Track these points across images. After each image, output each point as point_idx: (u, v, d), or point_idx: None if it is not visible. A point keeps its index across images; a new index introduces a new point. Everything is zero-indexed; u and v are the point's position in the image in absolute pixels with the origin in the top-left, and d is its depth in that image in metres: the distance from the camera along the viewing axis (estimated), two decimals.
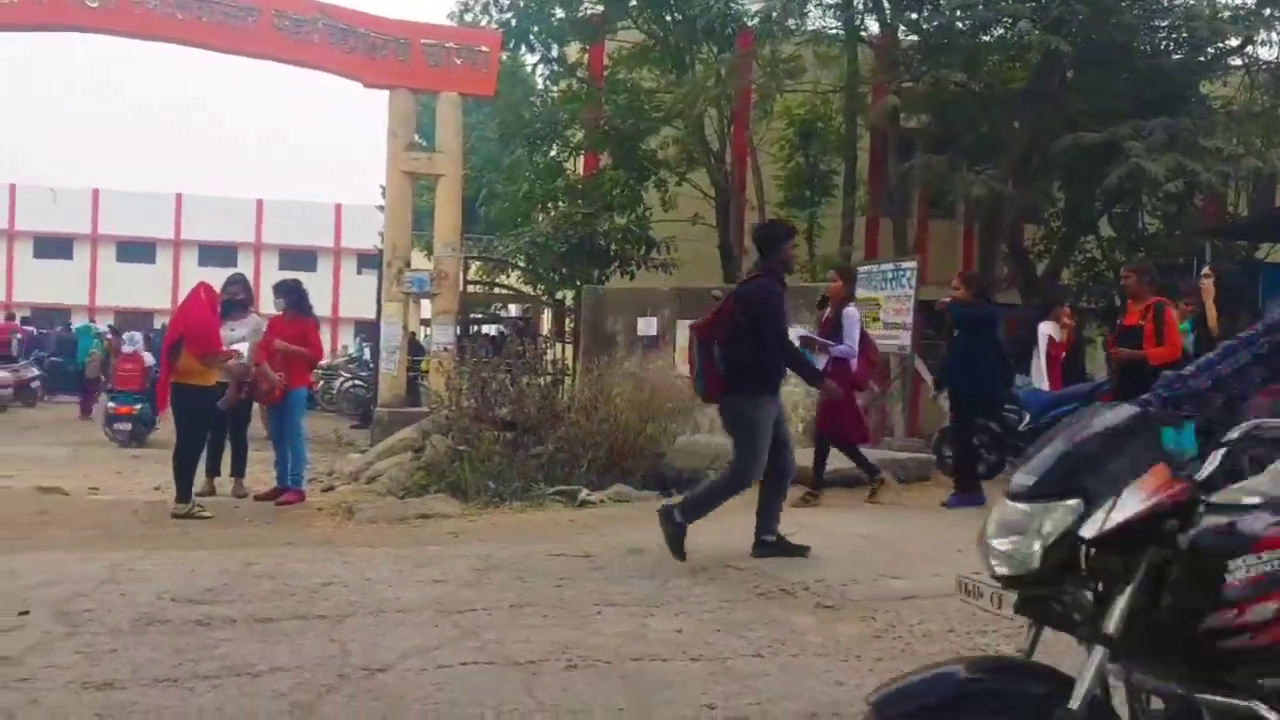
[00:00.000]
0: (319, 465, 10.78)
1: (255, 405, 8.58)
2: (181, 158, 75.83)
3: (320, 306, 10.94)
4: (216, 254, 44.99)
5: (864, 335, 7.99)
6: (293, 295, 8.45)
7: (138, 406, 13.43)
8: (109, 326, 25.14)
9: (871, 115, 15.30)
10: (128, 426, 13.59)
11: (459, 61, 13.10)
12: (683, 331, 12.75)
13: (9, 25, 12.48)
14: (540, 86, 19.31)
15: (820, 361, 7.19)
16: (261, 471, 9.01)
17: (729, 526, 5.83)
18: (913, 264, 9.90)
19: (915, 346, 9.93)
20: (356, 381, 19.99)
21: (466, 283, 14.39)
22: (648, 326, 12.45)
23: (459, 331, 13.50)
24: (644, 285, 14.63)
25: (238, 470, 8.60)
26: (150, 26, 12.48)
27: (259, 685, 3.64)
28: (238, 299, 8.26)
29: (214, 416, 7.66)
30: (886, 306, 10.04)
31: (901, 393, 10.93)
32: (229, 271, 9.86)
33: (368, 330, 34.72)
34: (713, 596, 4.91)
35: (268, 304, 9.03)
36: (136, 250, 44.90)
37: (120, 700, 3.47)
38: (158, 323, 36.05)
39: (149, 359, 13.97)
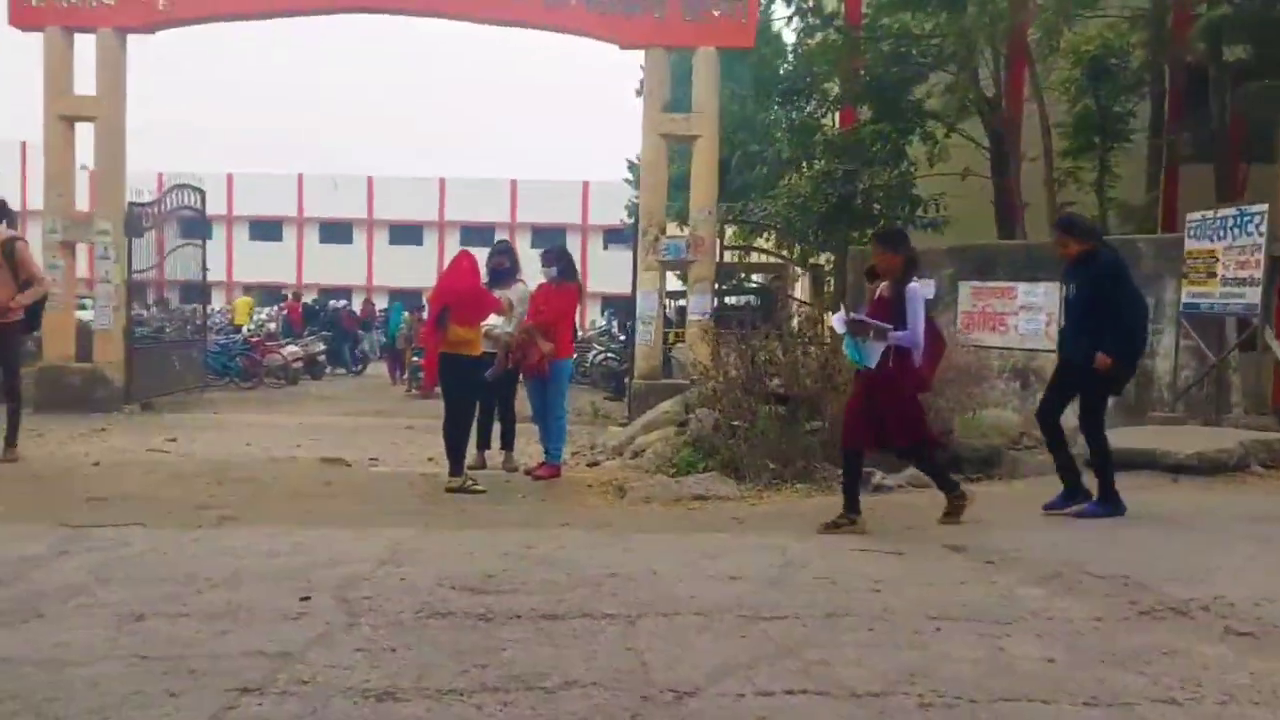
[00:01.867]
0: (579, 438, 10.47)
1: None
2: (443, 140, 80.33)
3: None
4: (477, 234, 47.07)
5: (928, 321, 6.08)
6: (562, 261, 8.04)
7: None
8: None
9: (1177, 46, 13.27)
10: None
11: (717, 14, 12.39)
12: (965, 293, 11.56)
13: (276, 11, 12.92)
14: (792, 41, 18.31)
15: (875, 352, 5.77)
16: (526, 445, 8.76)
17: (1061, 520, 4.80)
18: (1261, 209, 8.22)
19: (1270, 308, 8.27)
20: (609, 354, 19.87)
21: (723, 249, 13.71)
22: (924, 289, 11.34)
23: (715, 301, 12.85)
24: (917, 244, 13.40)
25: (507, 444, 8.34)
26: (412, 2, 12.56)
27: (554, 706, 3.07)
28: (504, 268, 7.95)
29: (482, 388, 7.37)
30: (1225, 259, 8.41)
31: (1238, 360, 9.23)
32: None
33: (615, 304, 35.13)
34: (1078, 613, 3.93)
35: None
36: (406, 233, 47.62)
37: (403, 716, 3.00)
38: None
39: None
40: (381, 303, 37.15)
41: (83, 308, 15.99)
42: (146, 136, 13.90)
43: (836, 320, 6.07)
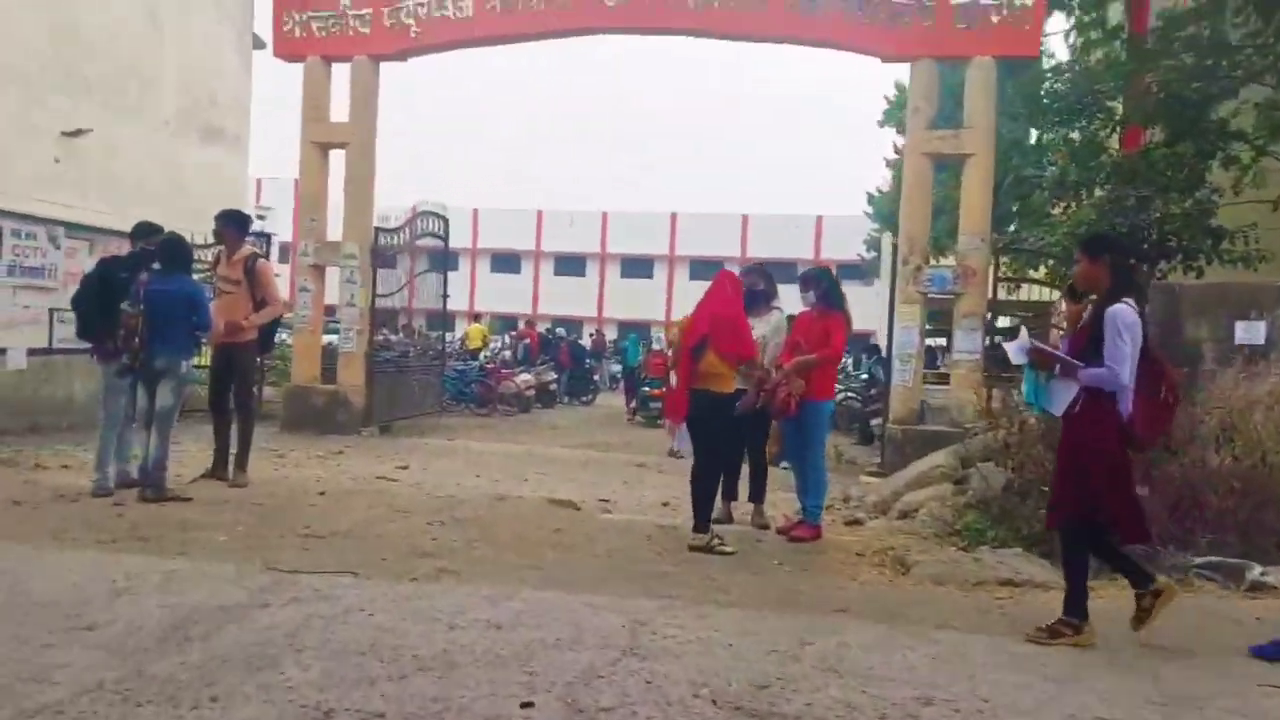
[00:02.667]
0: (830, 489, 9.21)
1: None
2: (676, 174, 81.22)
3: None
4: (705, 268, 46.70)
5: (1152, 359, 4.44)
6: (822, 285, 6.85)
7: (661, 389, 16.30)
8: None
9: None
10: (659, 405, 16.73)
11: (995, 20, 10.90)
12: None
13: (527, 34, 12.54)
14: (1067, 56, 16.37)
15: (1061, 393, 4.38)
16: (774, 495, 7.63)
17: None
18: None
19: None
20: (849, 394, 18.40)
21: (997, 280, 12.08)
22: (1251, 332, 9.36)
23: (988, 339, 11.26)
24: (1227, 280, 11.27)
25: (756, 495, 7.20)
26: (664, 20, 11.84)
27: None
28: (757, 289, 6.86)
29: (736, 430, 6.28)
30: None
31: None
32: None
33: (852, 340, 33.50)
34: None
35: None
36: (637, 266, 47.88)
37: None
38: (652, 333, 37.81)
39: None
40: (610, 334, 37.22)
41: (330, 331, 16.33)
42: (394, 169, 14.00)
43: (1013, 349, 4.68)
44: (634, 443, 14.61)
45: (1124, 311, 4.29)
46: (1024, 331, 5.05)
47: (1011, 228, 16.60)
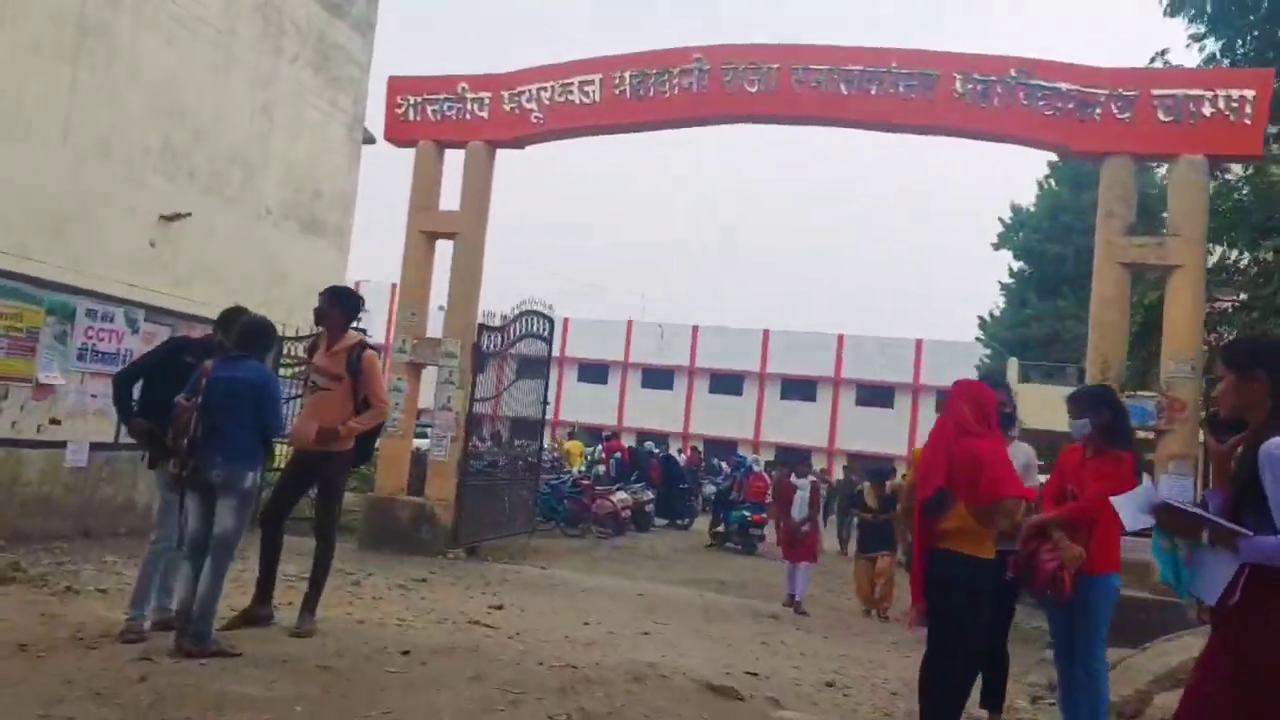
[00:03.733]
0: (1034, 675, 7.24)
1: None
2: (765, 283, 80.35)
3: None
4: (796, 387, 44.96)
5: None
6: (1104, 412, 4.92)
7: (764, 514, 16.94)
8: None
9: None
10: (760, 532, 17.23)
11: (1209, 112, 9.26)
12: None
13: (659, 122, 11.30)
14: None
15: (1217, 572, 2.90)
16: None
17: None
18: None
19: None
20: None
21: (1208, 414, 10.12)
22: None
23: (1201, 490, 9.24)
24: None
25: (992, 703, 5.25)
26: (811, 108, 10.50)
27: None
28: (1006, 411, 5.08)
29: (988, 608, 4.44)
30: None
31: None
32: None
33: None
34: None
35: None
36: (726, 382, 46.27)
37: None
38: (742, 451, 35.86)
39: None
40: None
41: (418, 435, 14.95)
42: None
43: (1128, 505, 3.16)
44: (749, 583, 12.72)
45: None
46: (1148, 480, 3.45)
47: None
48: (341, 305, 6.21)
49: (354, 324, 6.25)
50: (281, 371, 11.76)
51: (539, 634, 7.18)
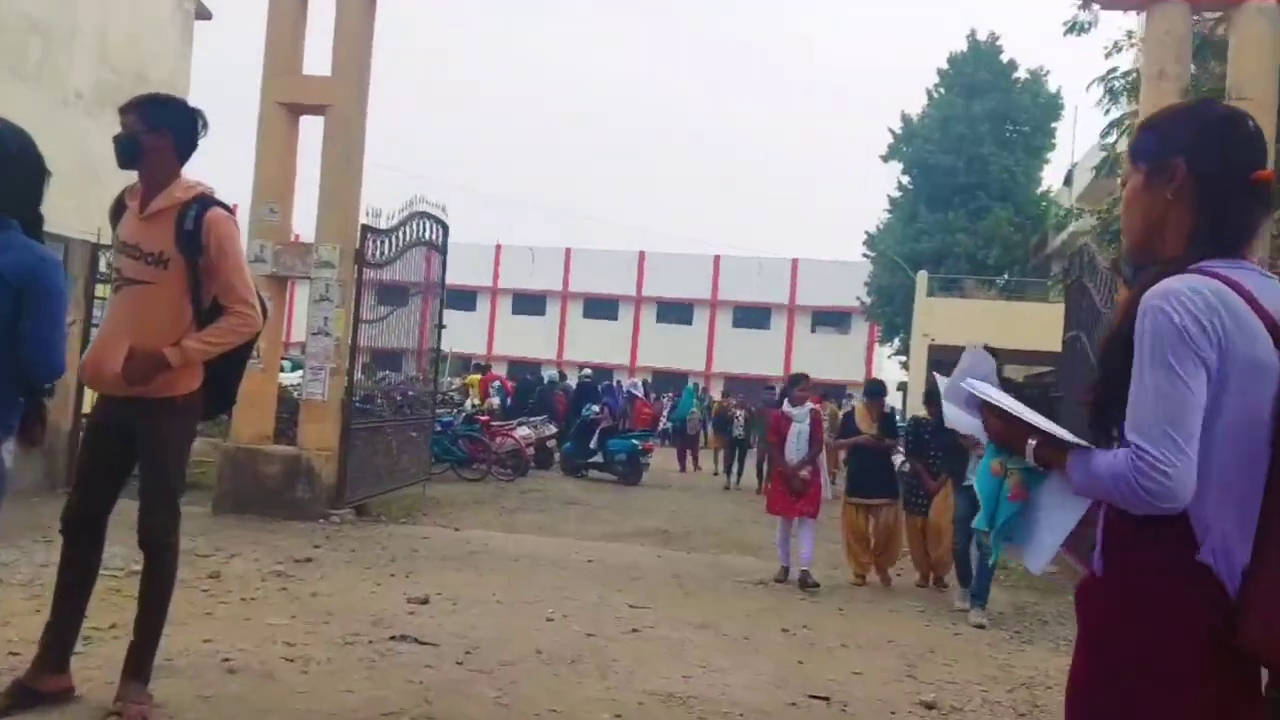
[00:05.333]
0: None
1: None
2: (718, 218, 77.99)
3: None
4: (670, 310, 43.14)
5: None
6: None
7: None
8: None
9: None
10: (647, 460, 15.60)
11: None
12: None
13: None
14: None
15: (1062, 519, 1.82)
16: None
17: None
18: None
19: None
20: None
21: None
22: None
23: None
24: None
25: None
26: None
27: None
28: None
29: None
30: None
31: None
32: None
33: None
34: None
35: None
36: (604, 306, 43.96)
37: None
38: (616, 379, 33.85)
39: None
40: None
41: (287, 368, 12.15)
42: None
43: (952, 392, 2.04)
44: (692, 530, 10.68)
45: (1172, 300, 1.61)
46: (969, 356, 2.10)
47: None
48: (166, 123, 3.35)
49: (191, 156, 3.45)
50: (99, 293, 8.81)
51: (496, 649, 4.86)
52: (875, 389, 8.33)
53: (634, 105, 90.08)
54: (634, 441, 15.47)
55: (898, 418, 8.18)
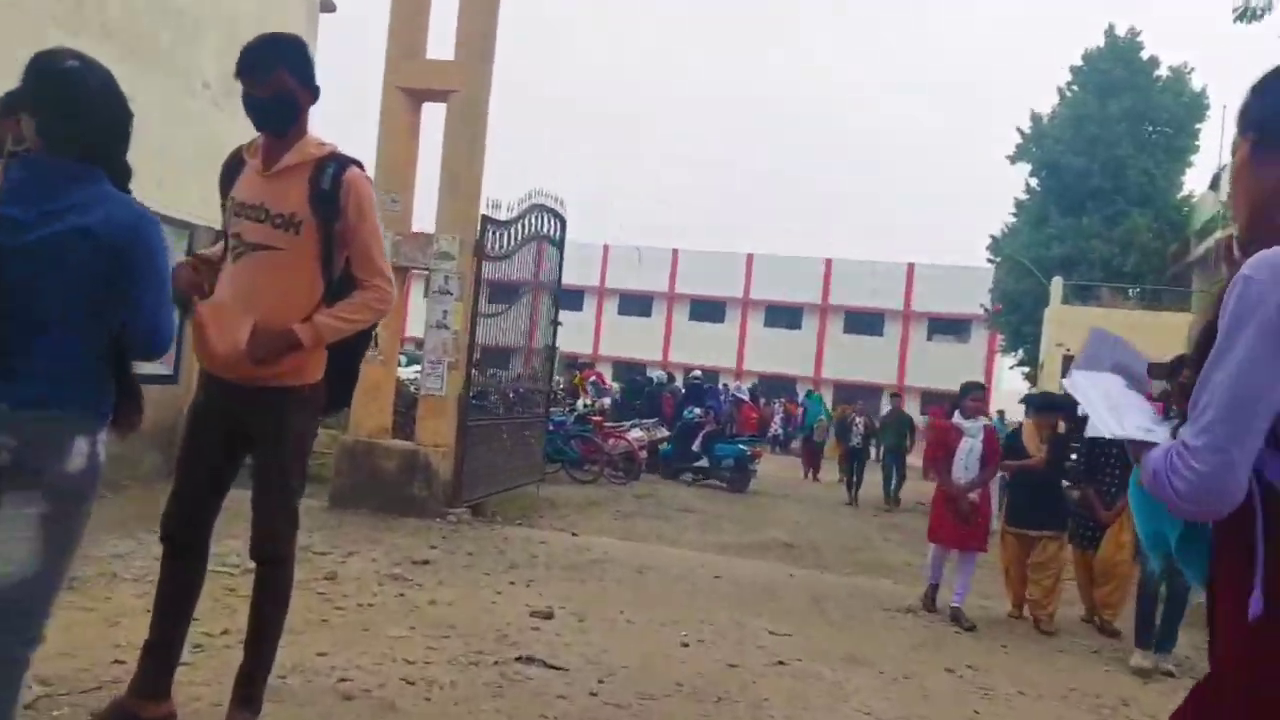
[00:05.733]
0: None
1: None
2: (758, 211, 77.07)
3: None
4: (778, 315, 42.19)
5: None
6: None
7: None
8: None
9: None
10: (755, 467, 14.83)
11: None
12: None
13: None
14: None
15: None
16: None
17: None
18: None
19: None
20: None
21: None
22: None
23: None
24: None
25: None
26: None
27: None
28: None
29: None
30: None
31: None
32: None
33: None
34: None
35: None
36: (709, 309, 43.34)
37: None
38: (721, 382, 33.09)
39: None
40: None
41: (403, 363, 11.97)
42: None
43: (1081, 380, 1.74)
44: (819, 544, 10.03)
45: (1264, 269, 1.43)
46: (1097, 337, 1.81)
47: None
48: (289, 64, 2.85)
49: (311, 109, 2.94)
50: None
51: (632, 679, 4.34)
52: (1045, 402, 7.41)
53: (740, 105, 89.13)
54: (742, 447, 14.86)
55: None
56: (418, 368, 10.25)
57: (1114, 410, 1.61)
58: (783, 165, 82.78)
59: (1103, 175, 26.45)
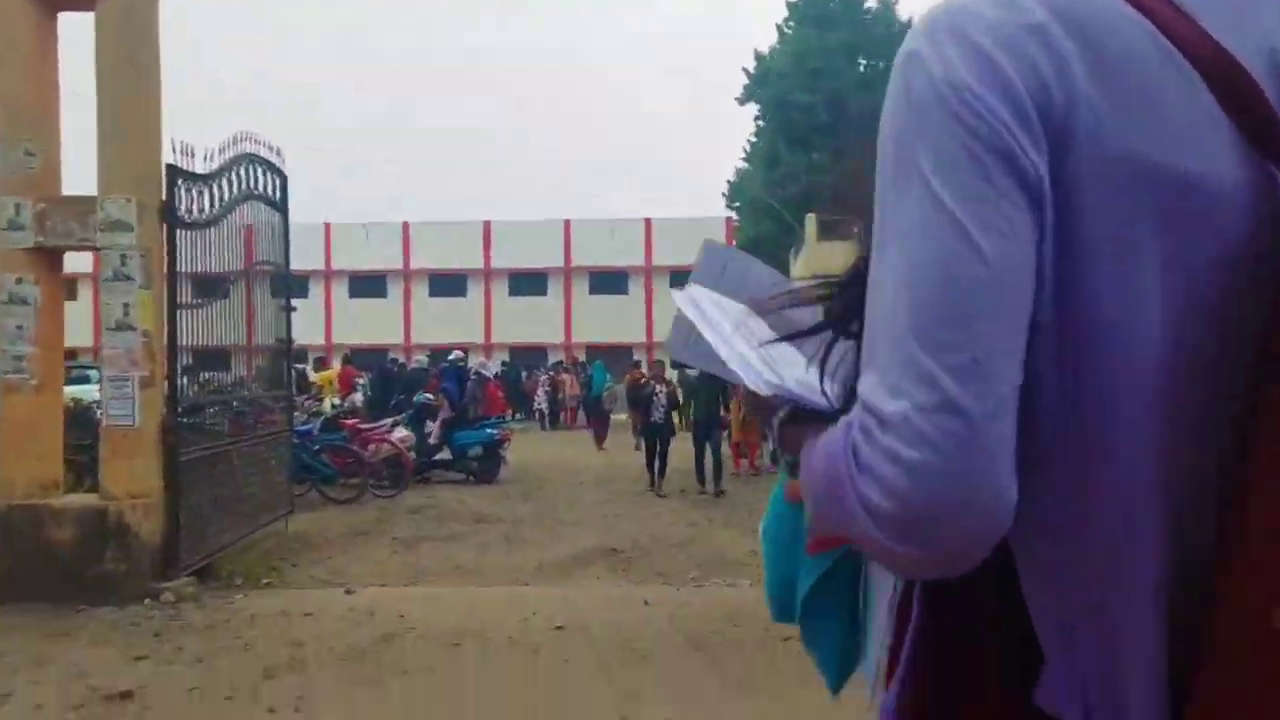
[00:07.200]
0: None
1: None
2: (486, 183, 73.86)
3: None
4: (526, 282, 40.28)
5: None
6: None
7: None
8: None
9: None
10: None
11: None
12: None
13: None
14: None
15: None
16: None
17: None
18: None
19: None
20: None
21: None
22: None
23: None
24: None
25: None
26: None
27: None
28: None
29: None
30: None
31: None
32: None
33: None
34: None
35: None
36: (450, 283, 40.61)
37: None
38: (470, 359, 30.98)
39: None
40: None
41: (83, 380, 9.01)
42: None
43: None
44: (645, 545, 8.32)
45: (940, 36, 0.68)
46: (710, 252, 1.08)
47: None
48: None
49: None
50: None
51: None
52: None
53: (443, 62, 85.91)
54: (489, 431, 12.91)
55: None
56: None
57: (757, 352, 0.85)
58: (504, 124, 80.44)
59: (827, 110, 26.55)
